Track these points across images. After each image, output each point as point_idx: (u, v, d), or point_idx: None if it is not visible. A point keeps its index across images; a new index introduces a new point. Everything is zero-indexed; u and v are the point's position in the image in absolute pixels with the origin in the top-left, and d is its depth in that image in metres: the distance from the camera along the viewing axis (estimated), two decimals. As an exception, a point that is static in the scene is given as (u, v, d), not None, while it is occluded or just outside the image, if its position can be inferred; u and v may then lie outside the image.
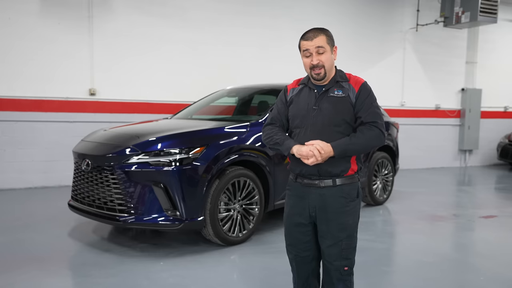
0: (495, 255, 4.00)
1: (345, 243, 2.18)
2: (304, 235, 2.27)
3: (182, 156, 3.67)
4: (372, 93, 2.22)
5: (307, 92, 2.25)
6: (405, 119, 9.35)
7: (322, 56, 2.14)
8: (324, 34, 2.16)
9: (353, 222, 2.20)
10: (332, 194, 2.17)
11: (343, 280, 2.22)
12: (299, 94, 2.28)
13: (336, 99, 2.17)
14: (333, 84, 2.20)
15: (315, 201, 2.19)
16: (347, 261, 2.20)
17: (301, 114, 2.22)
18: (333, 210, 2.16)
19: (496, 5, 8.51)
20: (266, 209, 4.31)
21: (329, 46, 2.16)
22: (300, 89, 2.29)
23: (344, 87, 2.18)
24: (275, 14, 7.96)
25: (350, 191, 2.19)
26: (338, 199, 2.16)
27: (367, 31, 8.93)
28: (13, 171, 6.42)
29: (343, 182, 2.17)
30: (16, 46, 6.31)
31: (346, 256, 2.19)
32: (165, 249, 3.90)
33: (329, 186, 2.17)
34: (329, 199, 2.17)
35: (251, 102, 5.54)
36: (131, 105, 7.06)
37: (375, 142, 2.16)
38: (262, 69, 7.82)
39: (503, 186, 8.05)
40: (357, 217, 2.23)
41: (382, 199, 5.90)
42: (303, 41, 2.17)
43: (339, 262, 2.19)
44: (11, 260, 3.59)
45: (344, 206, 2.17)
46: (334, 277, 2.21)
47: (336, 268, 2.20)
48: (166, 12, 7.15)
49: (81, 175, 4.03)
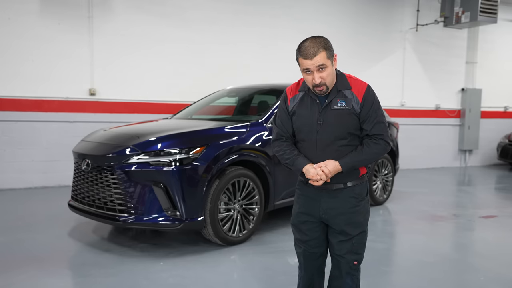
0: (495, 255, 4.00)
1: (357, 238, 2.22)
2: (313, 232, 2.30)
3: (182, 156, 3.67)
4: (376, 99, 2.18)
5: (309, 102, 2.19)
6: (405, 119, 9.34)
7: (324, 73, 2.06)
8: (324, 49, 2.04)
9: (364, 219, 2.24)
10: (343, 195, 2.20)
11: (351, 275, 2.26)
12: (301, 104, 2.21)
13: (340, 112, 2.12)
14: (335, 94, 2.14)
15: (326, 204, 2.22)
16: (357, 255, 2.25)
17: (305, 129, 2.19)
18: (345, 211, 2.19)
19: (496, 5, 8.51)
20: (266, 209, 4.31)
21: (330, 60, 2.07)
22: (301, 97, 2.22)
23: (347, 97, 2.13)
24: (275, 14, 7.95)
25: (360, 191, 2.23)
26: (349, 199, 2.20)
27: (367, 31, 8.93)
28: (13, 171, 6.42)
29: (353, 183, 2.21)
30: (16, 46, 6.31)
31: (357, 250, 2.24)
32: (165, 249, 3.89)
33: (340, 189, 2.20)
34: (341, 200, 2.20)
35: (251, 102, 5.54)
36: (131, 105, 7.06)
37: (381, 154, 2.21)
38: (262, 69, 7.82)
39: (503, 186, 8.05)
40: (368, 214, 2.28)
41: (382, 199, 5.90)
42: (302, 59, 2.06)
43: (349, 256, 2.23)
44: (11, 260, 3.59)
45: (355, 206, 2.20)
46: (343, 270, 2.25)
47: (347, 261, 2.24)
48: (165, 12, 7.15)
49: (81, 175, 4.03)
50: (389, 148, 2.24)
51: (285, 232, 4.44)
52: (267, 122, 4.39)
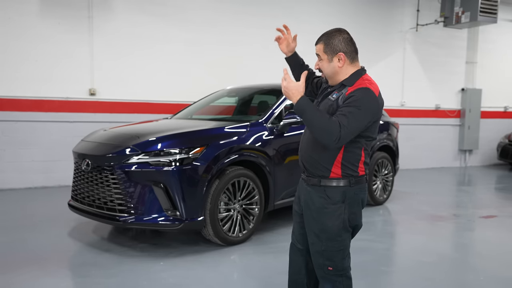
0: (495, 255, 4.00)
1: (326, 245, 2.16)
2: (300, 226, 2.34)
3: (182, 156, 3.67)
4: (363, 103, 2.01)
5: (324, 87, 2.34)
6: (405, 119, 9.34)
7: (320, 63, 2.21)
8: (323, 42, 2.17)
9: (332, 225, 2.13)
10: (315, 192, 2.19)
11: (329, 280, 2.19)
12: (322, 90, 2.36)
13: (329, 103, 2.15)
14: (338, 87, 2.18)
15: (304, 196, 2.27)
16: (330, 262, 2.17)
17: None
18: (313, 208, 2.19)
19: (496, 5, 8.51)
20: (266, 209, 4.31)
21: (327, 55, 2.15)
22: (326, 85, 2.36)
23: (342, 92, 2.12)
24: (275, 14, 7.95)
25: (332, 194, 2.13)
26: (319, 198, 2.17)
27: (367, 31, 8.93)
28: (13, 171, 6.42)
29: (326, 184, 2.16)
30: (16, 46, 6.31)
31: (328, 257, 2.17)
32: (165, 249, 3.90)
33: (314, 185, 2.20)
34: (313, 195, 2.20)
35: (251, 102, 5.55)
36: (131, 105, 7.06)
37: (326, 132, 1.97)
38: (262, 69, 7.81)
39: (503, 186, 8.05)
40: (340, 222, 2.13)
41: (382, 199, 5.90)
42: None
43: (321, 260, 2.19)
44: (11, 260, 3.59)
45: (323, 207, 2.15)
46: (318, 273, 2.24)
47: (318, 265, 2.21)
48: (166, 12, 7.15)
49: (81, 175, 4.03)
50: (336, 141, 1.97)
51: (285, 232, 4.44)
52: (267, 122, 4.39)
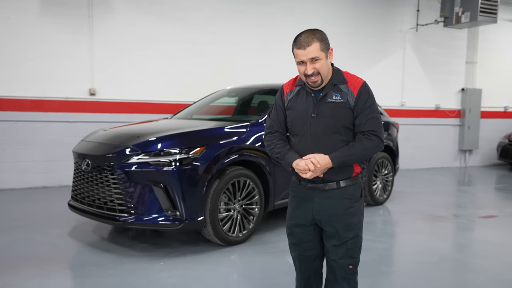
0: (495, 255, 4.00)
1: (351, 243, 2.18)
2: (307, 235, 2.27)
3: (182, 156, 3.67)
4: (372, 94, 2.14)
5: (305, 96, 2.17)
6: (405, 119, 9.34)
7: (317, 64, 2.04)
8: (318, 40, 2.03)
9: (358, 222, 2.20)
10: (336, 196, 2.15)
11: (347, 279, 2.22)
12: (296, 98, 2.20)
13: (335, 105, 2.09)
14: (330, 88, 2.11)
15: (319, 204, 2.17)
16: (352, 260, 2.20)
17: (300, 122, 2.16)
18: (339, 212, 2.15)
19: (496, 5, 8.51)
20: (266, 209, 4.31)
21: (324, 52, 2.05)
22: (297, 91, 2.20)
23: (342, 91, 2.10)
24: (275, 14, 7.95)
25: (354, 192, 2.17)
26: (342, 200, 2.15)
27: (367, 31, 8.93)
28: (13, 171, 6.42)
29: (347, 183, 2.15)
30: (16, 46, 6.31)
31: (352, 255, 2.19)
32: (165, 249, 3.89)
33: (334, 189, 2.15)
34: (334, 201, 2.15)
35: (251, 102, 5.54)
36: (131, 105, 7.06)
37: (373, 151, 2.13)
38: (262, 69, 7.81)
39: (503, 186, 8.05)
40: (362, 216, 2.23)
41: (382, 199, 5.90)
42: (296, 49, 2.06)
43: (344, 260, 2.18)
44: (11, 260, 3.58)
45: (349, 207, 2.16)
46: (339, 275, 2.20)
47: (341, 266, 2.19)
48: (166, 12, 7.15)
49: (81, 175, 4.03)
50: (383, 146, 2.15)
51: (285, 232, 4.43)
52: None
